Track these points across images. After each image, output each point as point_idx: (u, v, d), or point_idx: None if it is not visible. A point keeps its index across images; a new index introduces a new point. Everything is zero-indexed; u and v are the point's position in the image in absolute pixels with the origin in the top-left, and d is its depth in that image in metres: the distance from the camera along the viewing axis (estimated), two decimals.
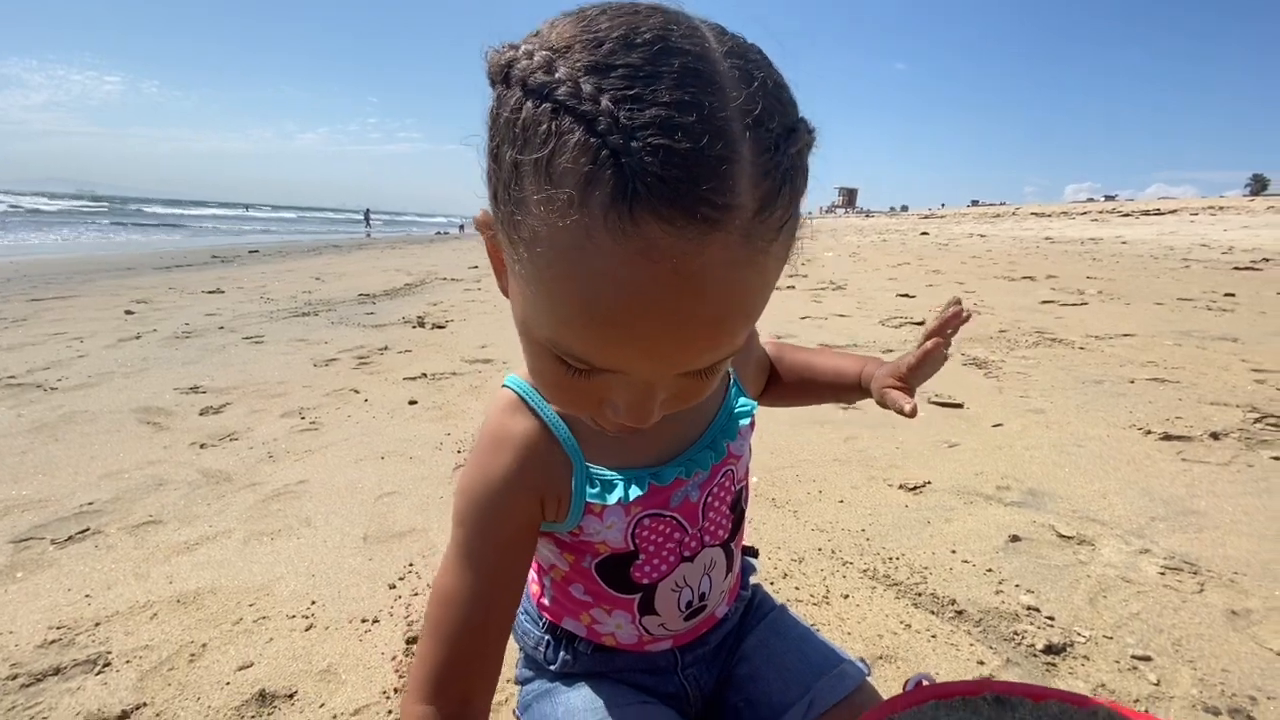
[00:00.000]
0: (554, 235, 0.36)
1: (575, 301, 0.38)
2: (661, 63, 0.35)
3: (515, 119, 0.37)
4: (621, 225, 0.34)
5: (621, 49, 0.35)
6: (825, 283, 7.01)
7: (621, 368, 0.42)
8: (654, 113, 0.33)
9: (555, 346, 0.43)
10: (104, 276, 7.63)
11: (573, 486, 0.61)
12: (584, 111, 0.34)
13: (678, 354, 0.41)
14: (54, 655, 1.19)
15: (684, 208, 0.34)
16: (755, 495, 1.83)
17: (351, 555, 1.53)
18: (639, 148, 0.33)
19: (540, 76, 0.36)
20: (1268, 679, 1.10)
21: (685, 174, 0.33)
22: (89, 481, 1.95)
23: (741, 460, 0.71)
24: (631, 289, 0.36)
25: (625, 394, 0.44)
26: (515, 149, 0.37)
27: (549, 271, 0.38)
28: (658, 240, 0.34)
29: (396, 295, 6.34)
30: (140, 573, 1.46)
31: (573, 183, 0.35)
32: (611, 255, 0.35)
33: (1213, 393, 2.70)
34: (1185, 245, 12.22)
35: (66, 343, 3.88)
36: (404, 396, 2.80)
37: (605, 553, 0.66)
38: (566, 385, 0.46)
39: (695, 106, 0.34)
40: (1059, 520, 1.64)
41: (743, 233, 0.36)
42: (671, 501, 0.65)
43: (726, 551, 0.74)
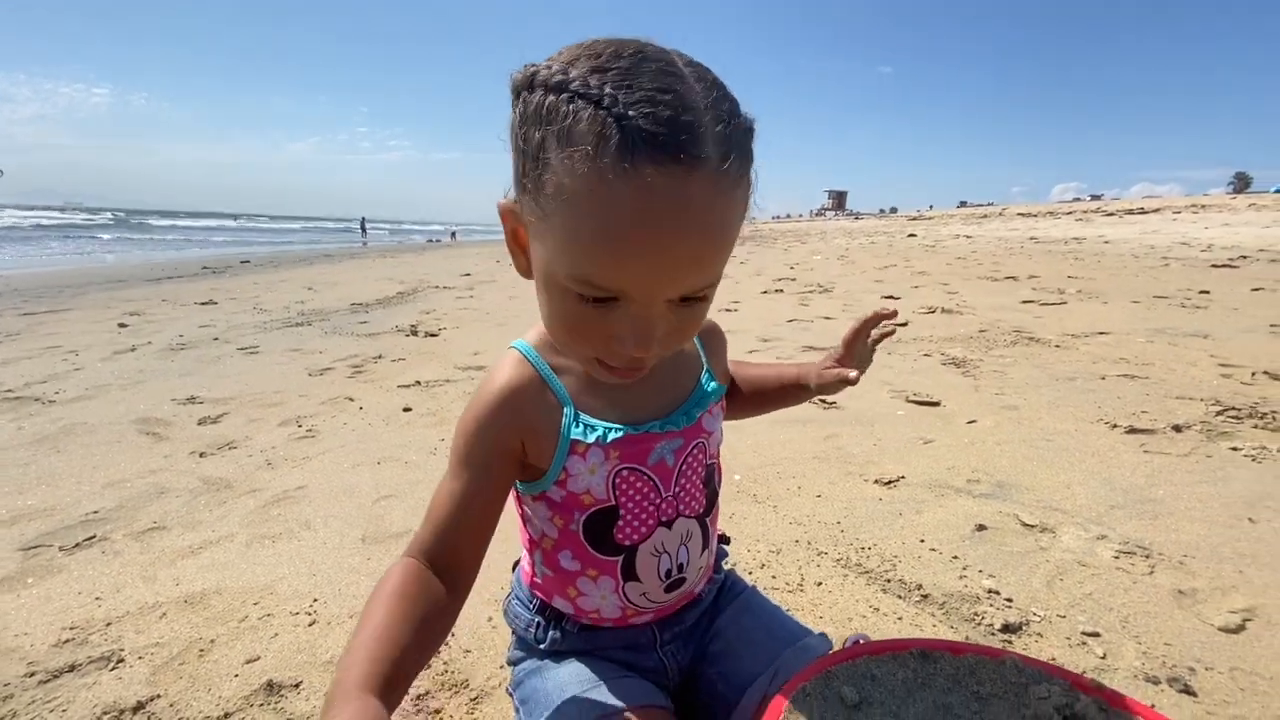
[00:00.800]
0: (575, 182, 0.50)
1: (595, 229, 0.51)
2: (643, 66, 0.50)
3: (541, 107, 0.51)
4: (626, 168, 0.48)
5: (612, 59, 0.51)
6: (813, 286, 7.12)
7: (630, 287, 0.54)
8: (641, 94, 0.48)
9: (576, 279, 0.54)
10: (95, 289, 7.65)
11: (561, 427, 0.72)
12: (592, 95, 0.49)
13: (674, 271, 0.53)
14: (69, 653, 1.25)
15: (670, 154, 0.48)
16: (737, 492, 1.91)
17: (351, 555, 1.60)
18: (634, 115, 0.48)
19: (558, 77, 0.51)
20: (1206, 651, 1.18)
21: (668, 132, 0.48)
22: (92, 490, 2.01)
23: (712, 436, 0.81)
24: (637, 214, 0.49)
25: (630, 323, 0.56)
26: (540, 128, 0.52)
27: (572, 211, 0.51)
28: (653, 178, 0.48)
29: (389, 304, 6.40)
30: (147, 576, 1.53)
31: (588, 142, 0.49)
32: (621, 191, 0.48)
33: (1179, 387, 2.81)
34: (1166, 244, 12.43)
35: (62, 356, 3.92)
36: (398, 404, 2.87)
37: (590, 505, 0.74)
38: (581, 321, 0.58)
39: (670, 91, 0.49)
40: (1023, 510, 1.73)
41: (711, 178, 0.50)
42: (649, 459, 0.74)
43: (702, 526, 0.82)
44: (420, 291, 7.51)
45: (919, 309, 5.19)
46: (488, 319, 5.32)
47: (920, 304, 5.45)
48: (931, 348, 3.78)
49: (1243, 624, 1.24)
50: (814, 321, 4.83)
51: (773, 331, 4.44)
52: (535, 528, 0.82)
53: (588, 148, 0.48)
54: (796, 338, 4.22)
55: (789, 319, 4.96)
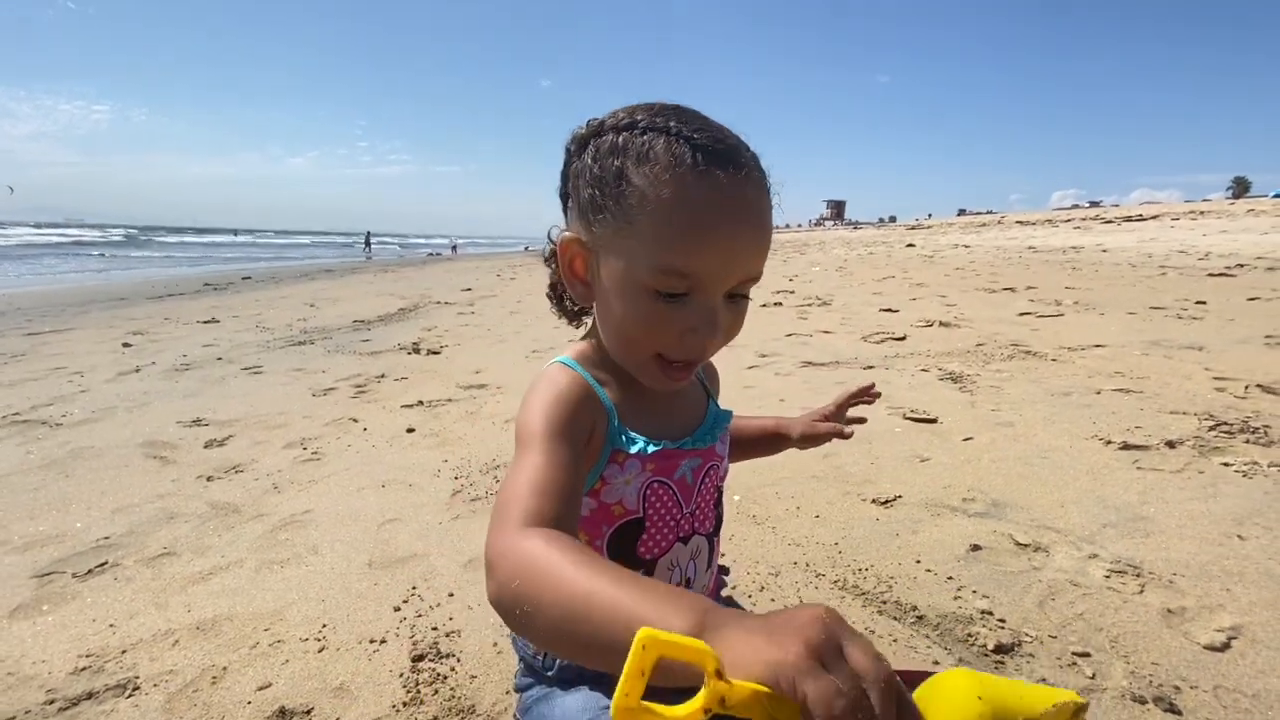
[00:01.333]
0: (659, 189, 0.62)
1: (682, 220, 0.62)
2: (686, 113, 0.67)
3: (615, 143, 0.66)
4: (701, 174, 0.62)
5: (661, 110, 0.67)
6: (811, 299, 7.18)
7: (708, 270, 0.64)
8: (695, 126, 0.64)
9: (661, 271, 0.64)
10: (97, 308, 7.71)
11: (608, 435, 0.76)
12: (660, 127, 0.64)
13: (742, 254, 0.65)
14: (86, 681, 1.29)
15: (730, 162, 0.63)
16: (737, 513, 1.95)
17: (358, 580, 1.63)
18: (698, 138, 0.63)
19: (625, 120, 0.67)
20: (1192, 670, 1.21)
21: (725, 148, 0.64)
22: (102, 516, 2.04)
23: (724, 461, 0.87)
24: (715, 205, 0.62)
25: (701, 314, 0.66)
26: (618, 157, 0.65)
27: (660, 211, 0.63)
28: (721, 179, 0.62)
29: (390, 321, 6.45)
30: (160, 602, 1.56)
31: (665, 158, 0.63)
32: (699, 189, 0.62)
33: (1173, 402, 2.85)
34: (1164, 252, 12.50)
35: (67, 377, 3.97)
36: (402, 424, 2.91)
37: (620, 517, 0.78)
38: (656, 319, 0.67)
39: (712, 127, 0.66)
40: (1017, 529, 1.77)
41: (759, 182, 0.66)
42: (675, 473, 0.79)
43: (710, 544, 0.87)
44: (422, 307, 7.57)
45: (917, 322, 5.24)
46: (489, 335, 5.36)
47: (918, 317, 5.50)
48: (929, 362, 3.82)
49: (1228, 642, 1.28)
50: (813, 336, 4.87)
51: (771, 346, 4.48)
52: None
53: (668, 160, 0.62)
54: (795, 352, 4.26)
55: (788, 333, 5.01)
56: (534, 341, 4.95)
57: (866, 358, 4.02)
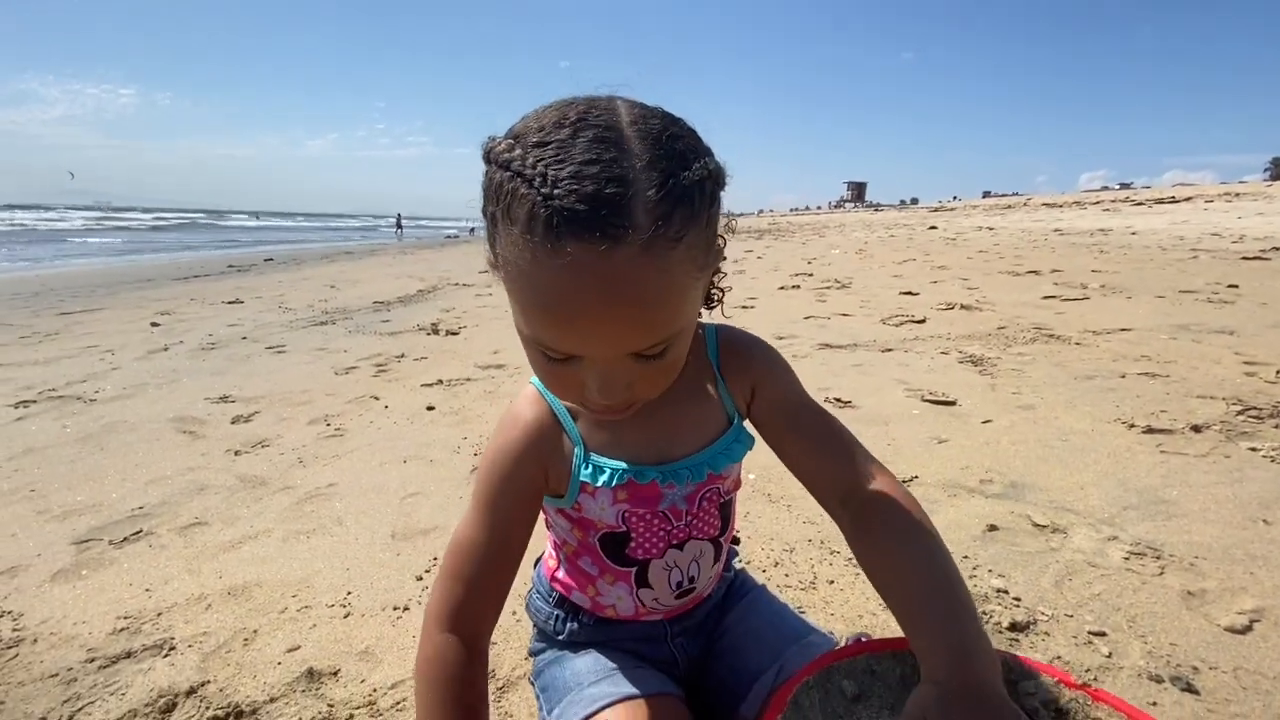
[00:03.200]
0: (516, 258, 0.53)
1: (533, 303, 0.55)
2: (580, 136, 0.51)
3: (491, 183, 0.55)
4: (551, 247, 0.50)
5: (554, 129, 0.52)
6: (830, 281, 7.11)
7: (577, 352, 0.57)
8: (570, 170, 0.49)
9: (532, 340, 0.59)
10: (126, 289, 7.88)
11: (573, 466, 0.76)
12: (527, 174, 0.51)
13: (612, 338, 0.55)
14: (124, 641, 1.34)
15: (590, 230, 0.49)
16: (752, 491, 1.96)
17: (381, 550, 1.68)
18: (560, 193, 0.49)
19: (504, 155, 0.53)
20: (1212, 651, 1.21)
21: (589, 210, 0.49)
22: (136, 487, 2.11)
23: (727, 480, 0.83)
24: (565, 292, 0.52)
25: (594, 377, 0.59)
26: (492, 204, 0.55)
27: (516, 284, 0.55)
28: (577, 255, 0.49)
29: (410, 302, 6.52)
30: (192, 569, 1.62)
31: (522, 221, 0.51)
32: (549, 269, 0.51)
33: (1200, 386, 2.79)
34: (1196, 235, 12.16)
35: (99, 356, 4.08)
36: (422, 402, 2.96)
37: (603, 529, 0.80)
38: (551, 373, 0.61)
39: (599, 162, 0.50)
40: (1035, 511, 1.76)
41: (642, 245, 0.50)
42: (660, 504, 0.78)
43: (715, 545, 0.87)
44: (440, 289, 7.63)
45: (938, 305, 5.17)
46: (507, 316, 5.31)
47: (939, 300, 5.43)
48: (949, 345, 3.78)
49: (1250, 625, 1.27)
50: (830, 318, 4.84)
51: (788, 329, 4.46)
52: (557, 534, 0.89)
53: (524, 225, 0.51)
54: (812, 334, 4.23)
55: (805, 315, 4.98)
56: None
57: (885, 340, 3.99)
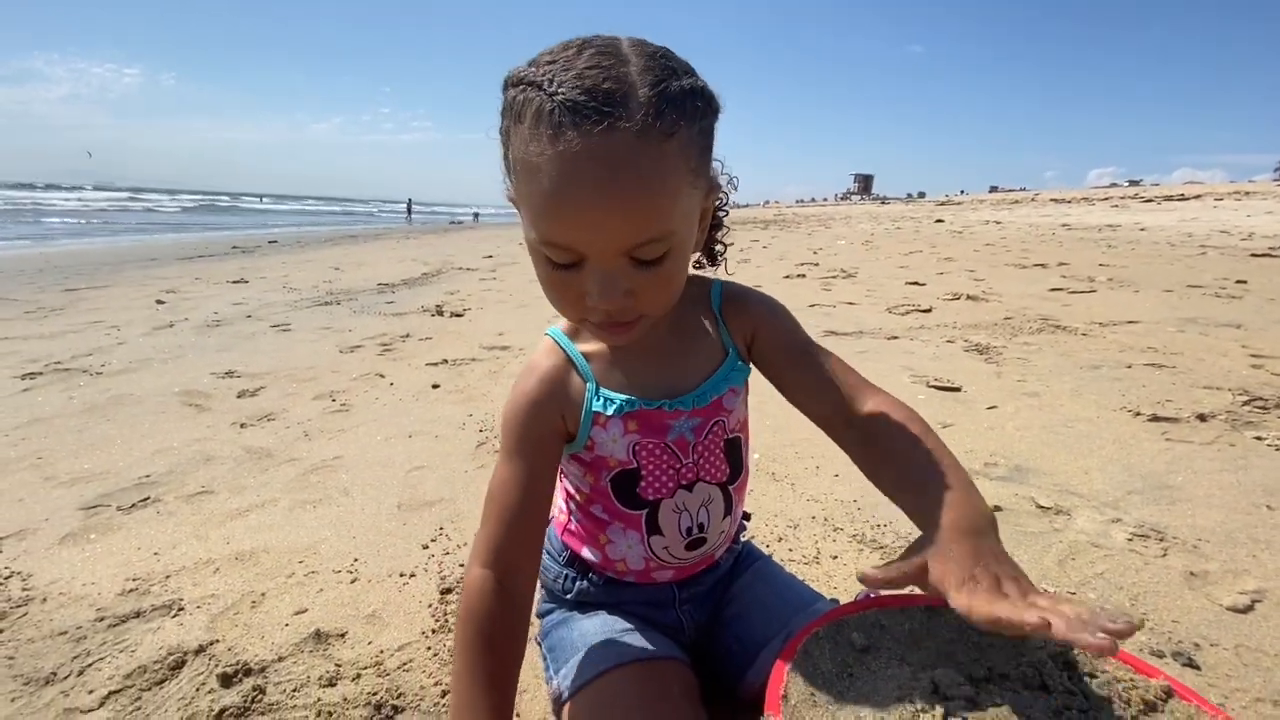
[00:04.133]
0: (524, 155, 0.59)
1: (541, 191, 0.59)
2: (584, 51, 0.59)
3: (507, 99, 0.63)
4: (555, 134, 0.56)
5: (561, 50, 0.60)
6: (836, 270, 7.08)
7: (578, 242, 0.61)
8: (573, 73, 0.57)
9: (539, 242, 0.63)
10: (131, 267, 7.87)
11: (585, 402, 0.80)
12: (537, 80, 0.58)
13: (611, 223, 0.59)
14: (133, 601, 1.35)
15: (588, 115, 0.55)
16: (756, 470, 1.96)
17: (387, 520, 1.69)
18: (564, 90, 0.56)
19: (520, 74, 0.61)
20: (1213, 629, 1.21)
21: (589, 98, 0.56)
22: (143, 457, 2.12)
23: (733, 414, 0.86)
24: (565, 174, 0.57)
25: (594, 280, 0.63)
26: (507, 116, 0.63)
27: (526, 179, 0.60)
28: (576, 140, 0.56)
29: (414, 284, 6.51)
30: (200, 535, 1.63)
31: (529, 119, 0.58)
32: (554, 155, 0.57)
33: (1207, 377, 2.78)
34: (1205, 232, 12.08)
35: (105, 330, 4.08)
36: (427, 381, 2.96)
37: (615, 467, 0.82)
38: (556, 282, 0.66)
39: (599, 66, 0.57)
40: (1040, 493, 1.76)
41: (635, 132, 0.56)
42: (668, 434, 0.81)
43: (725, 494, 0.87)
44: (444, 273, 7.62)
45: (944, 295, 5.16)
46: (510, 300, 5.39)
47: (945, 290, 5.41)
48: (955, 334, 3.77)
49: (1251, 604, 1.27)
50: (836, 307, 4.83)
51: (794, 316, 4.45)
52: (571, 482, 0.90)
53: (531, 121, 0.58)
54: (818, 322, 4.22)
55: (810, 304, 4.96)
56: None
57: (891, 329, 3.98)
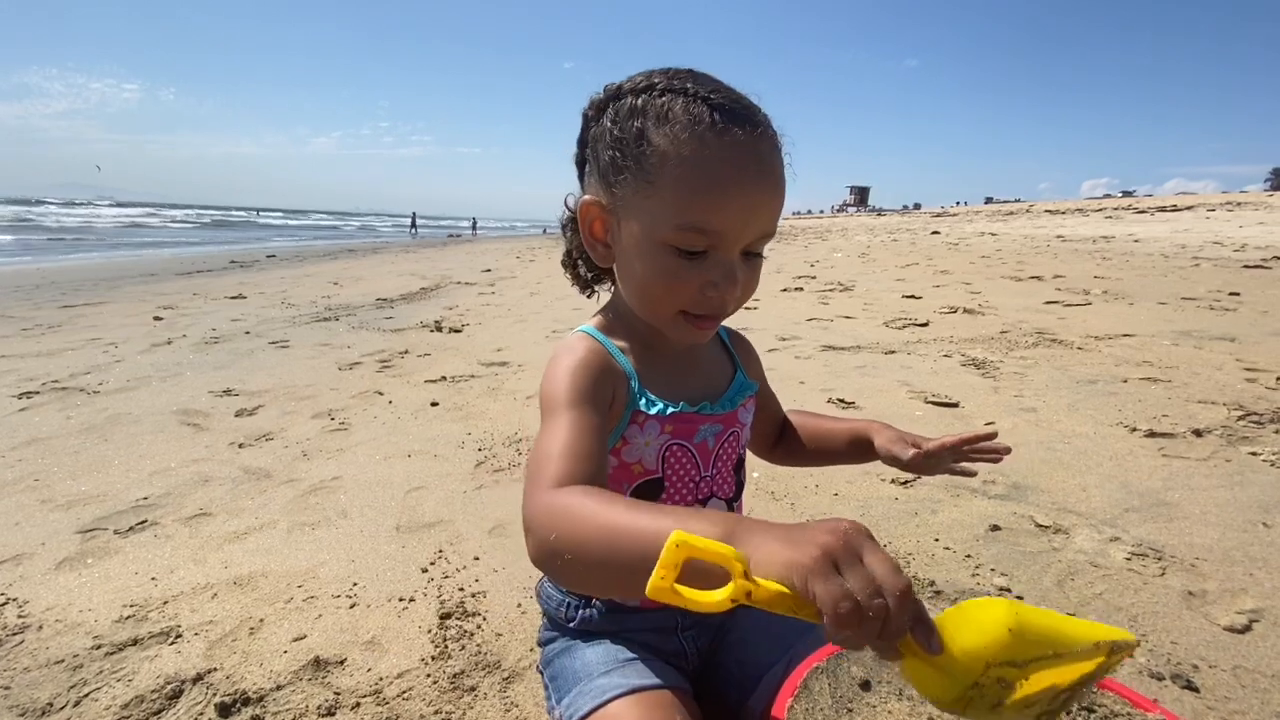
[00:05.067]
0: (680, 148, 0.65)
1: (702, 177, 0.65)
2: (700, 76, 0.70)
3: (635, 105, 0.68)
4: (719, 130, 0.65)
5: (676, 74, 0.70)
6: (833, 284, 7.12)
7: (727, 225, 0.66)
8: (710, 87, 0.67)
9: (682, 228, 0.66)
10: (128, 283, 7.88)
11: (629, 397, 0.80)
12: (677, 88, 0.67)
13: (758, 209, 0.67)
14: (131, 629, 1.35)
15: (745, 120, 0.66)
16: (755, 489, 1.97)
17: (386, 543, 1.68)
18: (714, 98, 0.66)
19: (644, 84, 0.70)
20: (1211, 650, 1.22)
21: (741, 107, 0.67)
22: (140, 478, 2.12)
23: (745, 428, 0.90)
24: (733, 163, 0.65)
25: (721, 268, 0.69)
26: (638, 119, 0.67)
27: (679, 173, 0.65)
28: (740, 136, 0.65)
29: (413, 300, 6.52)
30: (198, 559, 1.62)
31: (684, 118, 0.65)
32: (718, 147, 0.64)
33: (1202, 391, 2.80)
34: (1198, 243, 12.17)
35: (102, 348, 4.08)
36: (426, 398, 2.96)
37: (639, 476, 0.82)
38: (677, 275, 0.69)
39: (725, 88, 0.69)
40: (1038, 511, 1.76)
41: (773, 139, 0.69)
42: (695, 437, 0.82)
43: (730, 509, 0.88)
44: (443, 287, 7.64)
45: (941, 309, 5.18)
46: (509, 315, 5.41)
47: (942, 303, 5.44)
48: (952, 348, 3.79)
49: (1249, 624, 1.27)
50: (834, 320, 4.85)
51: (791, 330, 4.47)
52: None
53: (686, 120, 0.65)
54: (815, 336, 4.24)
55: (808, 318, 4.98)
56: (554, 322, 4.98)
57: (888, 343, 4.00)
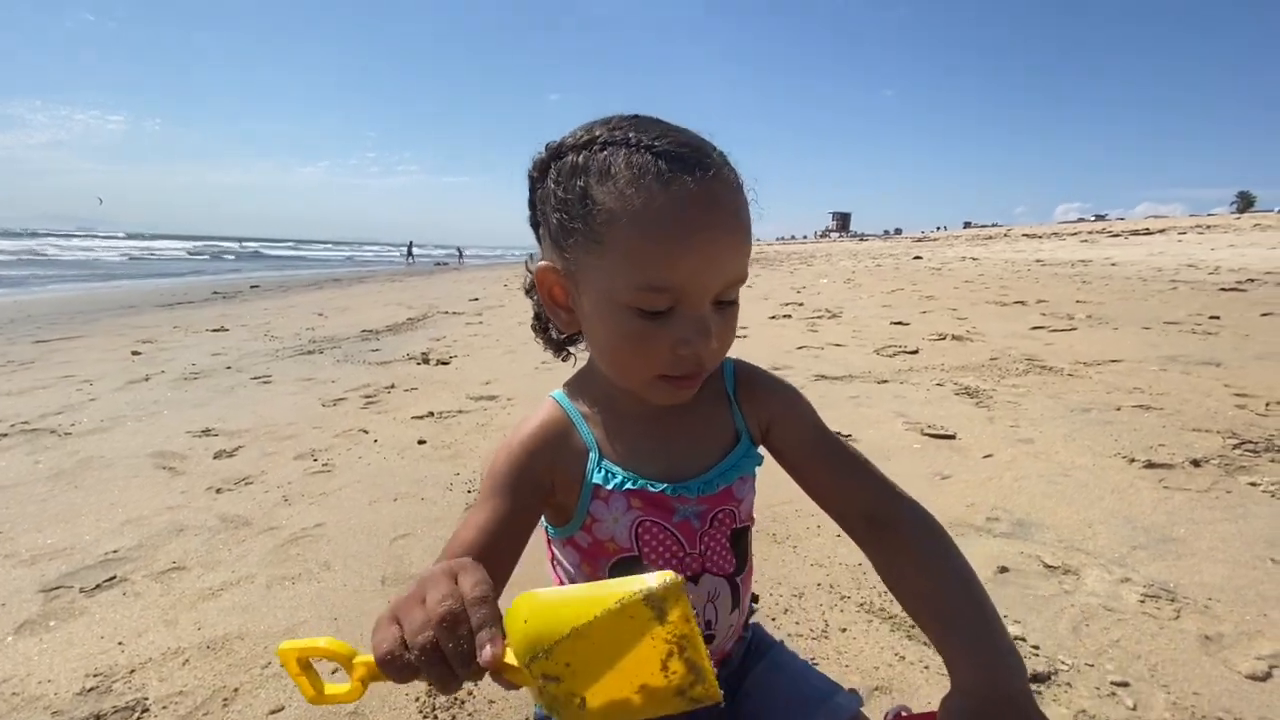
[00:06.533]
0: (624, 206, 0.60)
1: (648, 239, 0.60)
2: (644, 121, 0.64)
3: (576, 163, 0.63)
4: (666, 179, 0.59)
5: (619, 122, 0.64)
6: (821, 311, 7.14)
7: (687, 281, 0.61)
8: (656, 133, 0.61)
9: (640, 288, 0.61)
10: (107, 316, 7.73)
11: (585, 473, 0.74)
12: (619, 140, 0.61)
13: (720, 259, 0.62)
14: (93, 702, 1.25)
15: (696, 165, 0.60)
16: (757, 532, 1.90)
17: (371, 598, 1.60)
18: (659, 145, 0.60)
19: (585, 138, 0.63)
20: (1236, 700, 1.17)
21: (688, 150, 0.61)
22: (111, 529, 2.02)
23: (743, 503, 0.80)
24: (683, 214, 0.59)
25: (691, 324, 0.63)
26: (581, 178, 0.62)
27: (629, 231, 0.60)
28: (689, 184, 0.59)
29: (399, 331, 6.44)
30: (169, 619, 1.53)
31: (625, 174, 0.60)
32: (666, 199, 0.59)
33: (1195, 419, 2.80)
34: (1173, 266, 12.43)
35: (76, 385, 3.96)
36: (413, 436, 2.88)
37: (615, 553, 0.75)
38: (643, 338, 0.64)
39: (674, 130, 0.63)
40: (1045, 551, 1.72)
41: (729, 180, 0.63)
42: (674, 517, 0.74)
43: (732, 586, 0.81)
44: (430, 317, 7.57)
45: (929, 336, 5.20)
46: (498, 346, 5.34)
47: (930, 330, 5.46)
48: (944, 376, 3.78)
49: (1269, 671, 1.23)
50: (824, 348, 4.84)
51: (783, 359, 4.45)
52: (565, 572, 0.83)
53: (630, 174, 0.59)
54: (807, 365, 4.22)
55: (798, 346, 4.97)
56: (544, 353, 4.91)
57: (880, 372, 3.99)
